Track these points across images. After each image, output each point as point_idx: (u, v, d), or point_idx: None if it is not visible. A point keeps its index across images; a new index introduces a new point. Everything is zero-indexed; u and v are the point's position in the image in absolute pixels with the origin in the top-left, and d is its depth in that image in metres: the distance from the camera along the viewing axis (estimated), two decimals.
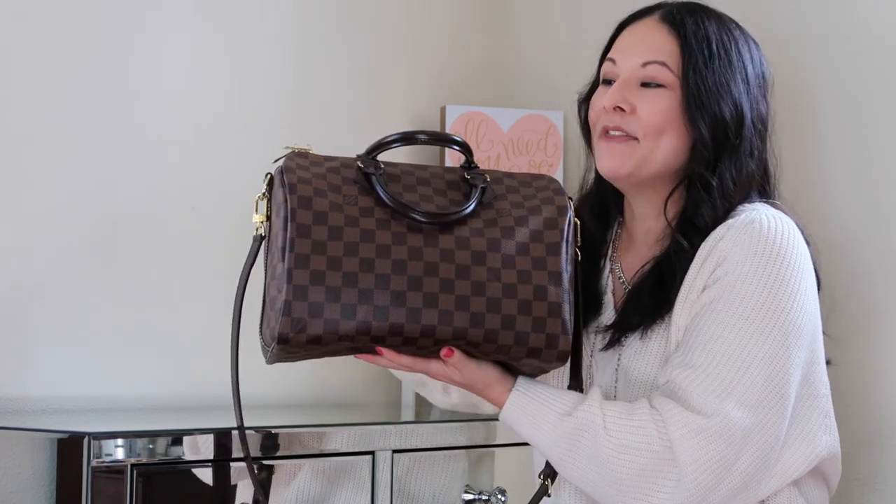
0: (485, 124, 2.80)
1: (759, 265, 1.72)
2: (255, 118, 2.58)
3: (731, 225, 1.76)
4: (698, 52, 1.81)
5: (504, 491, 2.26)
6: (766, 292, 1.70)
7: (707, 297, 1.73)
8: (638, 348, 1.80)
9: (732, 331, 1.70)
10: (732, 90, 1.81)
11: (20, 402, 2.24)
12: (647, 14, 1.87)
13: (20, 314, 2.25)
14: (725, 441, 1.66)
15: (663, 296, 1.78)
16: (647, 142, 1.81)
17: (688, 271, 1.77)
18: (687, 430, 1.66)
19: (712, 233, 1.77)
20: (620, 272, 1.89)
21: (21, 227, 2.26)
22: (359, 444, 2.12)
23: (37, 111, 2.28)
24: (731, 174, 1.82)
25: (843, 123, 2.38)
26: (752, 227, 1.74)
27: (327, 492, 2.09)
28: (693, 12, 1.85)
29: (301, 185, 1.64)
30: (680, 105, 1.80)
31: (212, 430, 1.96)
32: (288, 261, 1.60)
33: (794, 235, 1.75)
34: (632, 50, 1.84)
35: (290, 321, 1.59)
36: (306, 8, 2.68)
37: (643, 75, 1.82)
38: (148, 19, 2.44)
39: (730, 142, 1.81)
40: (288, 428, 2.05)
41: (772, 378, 1.69)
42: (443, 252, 1.63)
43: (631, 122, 1.81)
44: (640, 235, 1.89)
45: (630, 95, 1.81)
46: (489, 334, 1.63)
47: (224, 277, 2.52)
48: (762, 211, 1.77)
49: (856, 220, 2.35)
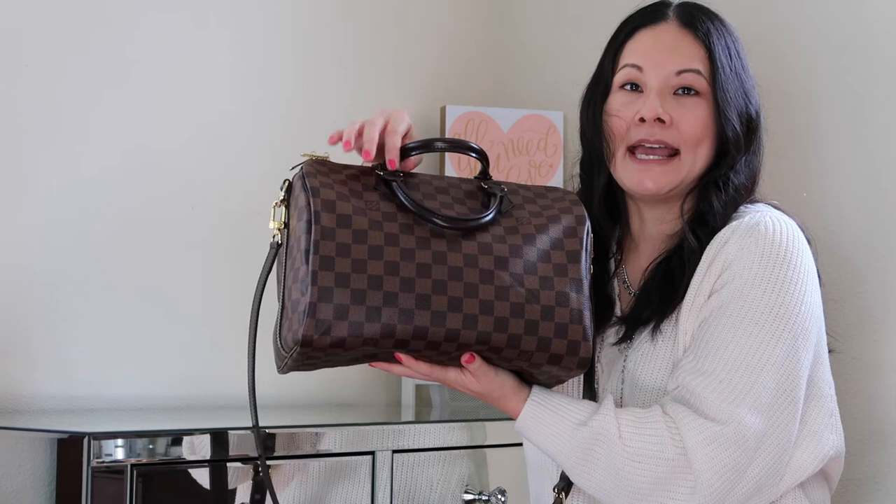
0: (485, 124, 2.80)
1: (765, 268, 1.72)
2: (255, 118, 2.58)
3: (736, 228, 1.76)
4: (724, 57, 1.82)
5: (504, 491, 2.26)
6: (775, 295, 1.71)
7: (715, 301, 1.73)
8: (645, 351, 1.80)
9: (743, 335, 1.70)
10: (748, 90, 1.83)
11: (20, 402, 2.24)
12: (662, 17, 1.85)
13: (20, 314, 2.25)
14: (739, 447, 1.66)
15: (671, 291, 1.78)
16: (687, 154, 1.80)
17: (694, 273, 1.77)
18: (702, 437, 1.66)
19: (717, 235, 1.77)
20: (625, 275, 1.89)
21: (21, 228, 2.26)
22: (359, 444, 2.12)
23: (36, 111, 2.28)
24: (745, 171, 1.83)
25: (843, 123, 2.38)
26: (758, 230, 1.74)
27: (327, 492, 2.09)
28: (707, 15, 1.85)
29: (324, 189, 1.62)
30: (712, 112, 1.80)
31: (212, 430, 1.96)
32: (312, 263, 1.58)
33: (798, 237, 1.75)
34: (662, 57, 1.82)
35: (314, 323, 1.56)
36: (306, 9, 2.68)
37: (678, 83, 1.81)
38: (148, 19, 2.44)
39: (752, 141, 1.82)
40: (288, 428, 2.05)
41: (783, 381, 1.69)
42: (466, 257, 1.63)
43: (671, 133, 1.80)
44: (647, 239, 1.88)
45: (668, 106, 1.80)
46: (512, 339, 1.62)
47: (224, 277, 2.52)
48: (766, 213, 1.77)
49: (856, 220, 2.35)
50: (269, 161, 2.48)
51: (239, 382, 2.57)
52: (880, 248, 2.32)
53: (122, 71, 2.39)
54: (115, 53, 2.39)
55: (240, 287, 2.24)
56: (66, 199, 2.31)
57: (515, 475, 2.24)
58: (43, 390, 2.27)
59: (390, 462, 2.16)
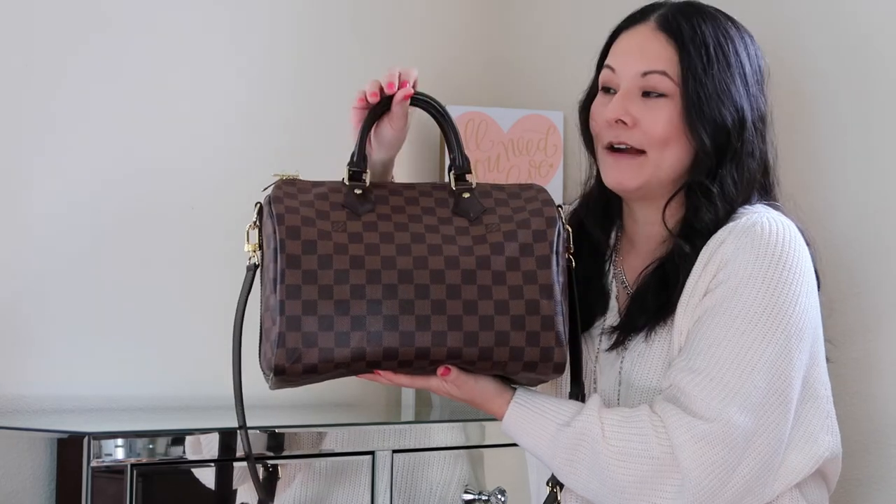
0: (485, 124, 2.80)
1: (760, 268, 1.72)
2: (255, 118, 2.58)
3: (732, 229, 1.76)
4: (697, 59, 1.79)
5: (504, 491, 2.26)
6: (769, 296, 1.71)
7: (709, 301, 1.73)
8: (641, 352, 1.80)
9: (735, 334, 1.70)
10: (733, 93, 1.80)
11: (20, 402, 2.24)
12: (643, 20, 1.85)
13: (20, 314, 2.25)
14: (727, 446, 1.66)
15: (666, 297, 1.78)
16: (654, 153, 1.80)
17: (690, 274, 1.77)
18: (689, 435, 1.66)
19: (713, 236, 1.77)
20: (623, 276, 1.89)
21: (21, 228, 2.26)
22: (359, 444, 2.12)
23: (36, 112, 2.28)
24: (734, 177, 1.81)
25: (843, 122, 2.38)
26: (754, 231, 1.74)
27: (327, 492, 2.09)
28: (689, 16, 1.83)
29: (289, 216, 1.65)
30: (681, 114, 1.79)
31: (212, 429, 1.96)
32: (280, 293, 1.61)
33: (794, 238, 1.75)
34: (631, 58, 1.82)
35: (285, 352, 1.61)
36: (307, 9, 2.68)
37: (643, 85, 1.81)
38: (149, 20, 2.43)
39: (732, 146, 1.80)
40: (288, 428, 2.06)
41: (774, 382, 1.69)
42: (433, 273, 1.64)
43: (634, 135, 1.80)
44: (642, 239, 1.89)
45: (632, 107, 1.80)
46: (484, 352, 1.64)
47: (224, 277, 2.52)
48: (763, 214, 1.77)
49: (856, 219, 2.35)
50: (269, 162, 2.47)
51: None
52: (879, 250, 2.32)
53: (123, 71, 2.39)
54: (116, 54, 2.39)
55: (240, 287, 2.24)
56: (65, 200, 2.31)
57: (515, 475, 2.25)
58: (43, 390, 2.27)
59: (390, 462, 2.16)
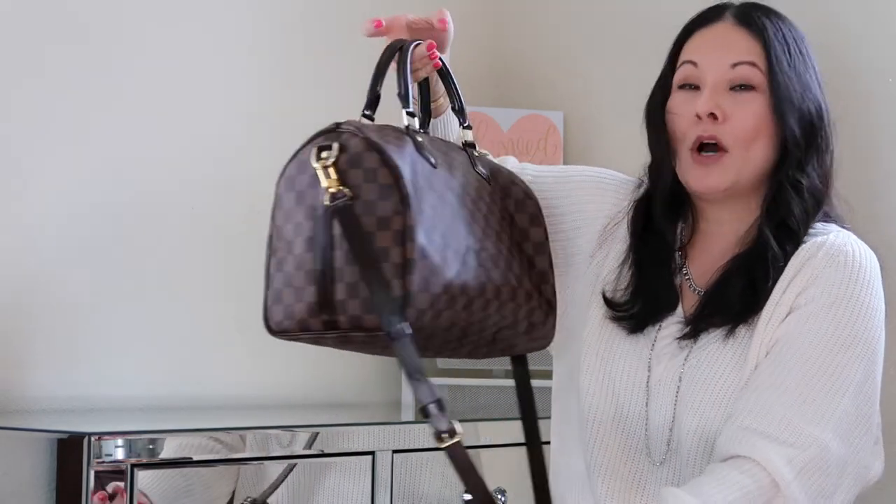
0: (485, 124, 2.80)
1: (852, 291, 1.71)
2: (255, 117, 2.59)
3: (822, 244, 1.74)
4: (782, 52, 1.80)
5: (504, 491, 2.26)
6: (860, 319, 1.70)
7: (798, 317, 1.71)
8: (712, 352, 1.76)
9: (829, 354, 1.68)
10: (812, 87, 1.82)
11: (20, 402, 2.24)
12: (718, 17, 1.85)
13: (21, 315, 2.25)
14: (824, 472, 1.65)
15: (754, 298, 1.76)
16: (738, 152, 1.78)
17: (779, 281, 1.76)
18: (789, 468, 1.63)
19: (801, 248, 1.75)
20: (690, 277, 1.86)
21: (21, 228, 2.26)
22: (359, 444, 2.12)
23: (36, 113, 2.28)
24: (818, 172, 1.81)
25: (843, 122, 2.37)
26: (846, 251, 1.73)
27: (327, 492, 2.09)
28: (765, 12, 1.84)
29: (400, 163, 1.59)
30: (769, 107, 1.79)
31: (212, 429, 1.96)
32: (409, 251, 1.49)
33: (876, 266, 1.77)
34: (716, 52, 1.81)
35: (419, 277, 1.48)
36: (307, 9, 2.68)
37: (733, 77, 1.80)
38: (149, 20, 2.44)
39: (815, 140, 1.81)
40: (288, 428, 2.06)
41: (862, 406, 1.68)
42: None
43: (724, 130, 1.78)
44: (713, 239, 1.85)
45: (722, 101, 1.79)
46: None
47: (224, 277, 2.52)
48: (849, 236, 1.78)
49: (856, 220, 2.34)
50: (270, 161, 2.47)
51: (239, 383, 2.58)
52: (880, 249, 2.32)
53: (123, 71, 2.40)
54: (116, 53, 2.39)
55: (241, 288, 2.25)
56: (66, 201, 2.31)
57: (515, 475, 2.24)
58: (43, 390, 2.27)
59: (390, 462, 2.16)
